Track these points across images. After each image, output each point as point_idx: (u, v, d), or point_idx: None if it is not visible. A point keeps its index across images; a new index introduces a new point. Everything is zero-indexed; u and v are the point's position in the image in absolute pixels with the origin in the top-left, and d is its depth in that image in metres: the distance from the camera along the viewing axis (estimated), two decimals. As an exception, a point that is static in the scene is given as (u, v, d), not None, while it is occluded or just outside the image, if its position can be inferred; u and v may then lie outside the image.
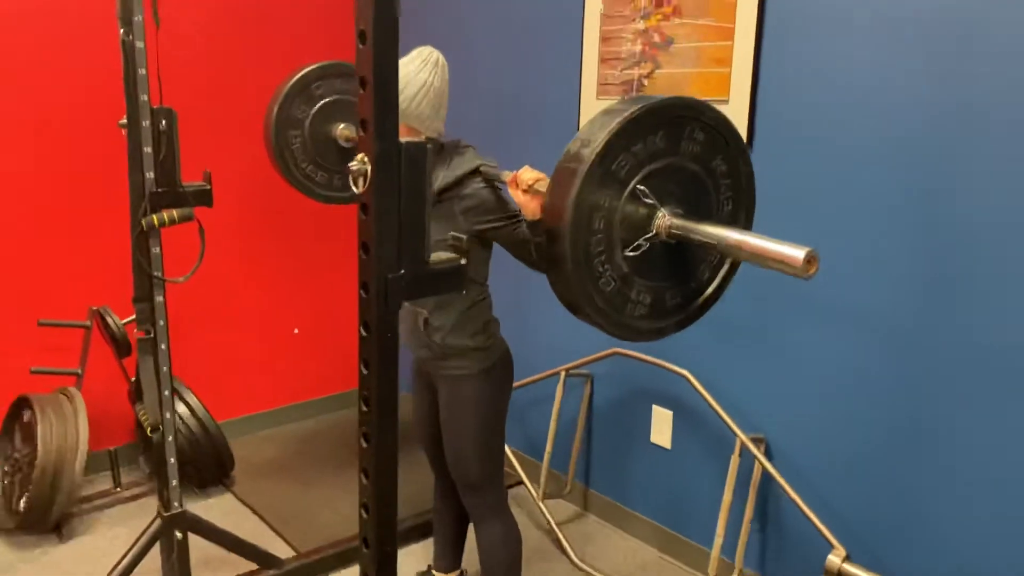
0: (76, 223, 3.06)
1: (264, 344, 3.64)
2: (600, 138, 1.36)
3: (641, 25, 2.59)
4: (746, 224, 1.64)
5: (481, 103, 3.25)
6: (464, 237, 1.51)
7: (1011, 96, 1.88)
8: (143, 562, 2.60)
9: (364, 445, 1.43)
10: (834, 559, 2.11)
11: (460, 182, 2.00)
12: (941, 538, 2.13)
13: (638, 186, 1.41)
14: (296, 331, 3.71)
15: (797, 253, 1.29)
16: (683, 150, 1.47)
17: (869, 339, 2.20)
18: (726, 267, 1.67)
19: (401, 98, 1.94)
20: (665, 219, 1.48)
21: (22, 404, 2.91)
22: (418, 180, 1.35)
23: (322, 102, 2.74)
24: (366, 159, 1.29)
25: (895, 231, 2.12)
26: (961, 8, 1.94)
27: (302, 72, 2.70)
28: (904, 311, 2.13)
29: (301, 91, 2.71)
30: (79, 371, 2.97)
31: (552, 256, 1.42)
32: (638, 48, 2.61)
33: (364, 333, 1.39)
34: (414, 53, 2.01)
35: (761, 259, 1.35)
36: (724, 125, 1.49)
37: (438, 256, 1.43)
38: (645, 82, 2.61)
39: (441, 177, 2.02)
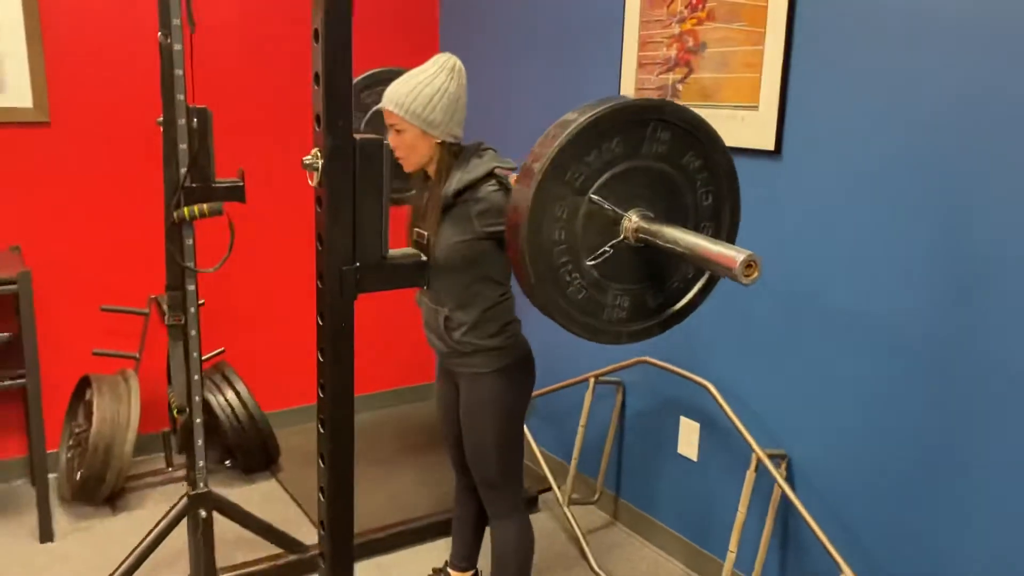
0: (137, 216, 3.25)
1: (315, 340, 3.76)
2: (548, 153, 1.36)
3: (676, 30, 2.56)
4: (732, 214, 1.60)
5: (523, 108, 3.27)
6: (429, 233, 1.53)
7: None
8: (176, 540, 2.75)
9: (320, 431, 1.48)
10: (842, 584, 2.04)
11: (474, 185, 2.02)
12: (959, 567, 2.02)
13: (592, 195, 1.41)
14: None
15: (735, 255, 1.26)
16: (646, 151, 1.45)
17: (900, 357, 2.11)
18: (705, 277, 1.64)
19: (414, 103, 1.99)
20: (632, 223, 1.47)
21: (85, 383, 3.11)
22: (374, 175, 1.39)
23: (372, 111, 2.82)
24: (319, 153, 1.34)
25: (927, 245, 2.02)
26: (995, 12, 1.84)
27: (353, 80, 2.78)
28: (937, 329, 2.02)
29: (354, 100, 2.79)
30: (137, 355, 3.14)
31: (517, 268, 1.43)
32: (673, 53, 2.58)
33: (320, 322, 1.44)
34: (431, 60, 2.05)
35: (705, 262, 1.33)
36: (690, 121, 1.46)
37: (396, 251, 1.46)
38: (679, 87, 2.58)
39: (456, 179, 2.03)
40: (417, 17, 3.74)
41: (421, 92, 1.99)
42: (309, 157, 1.34)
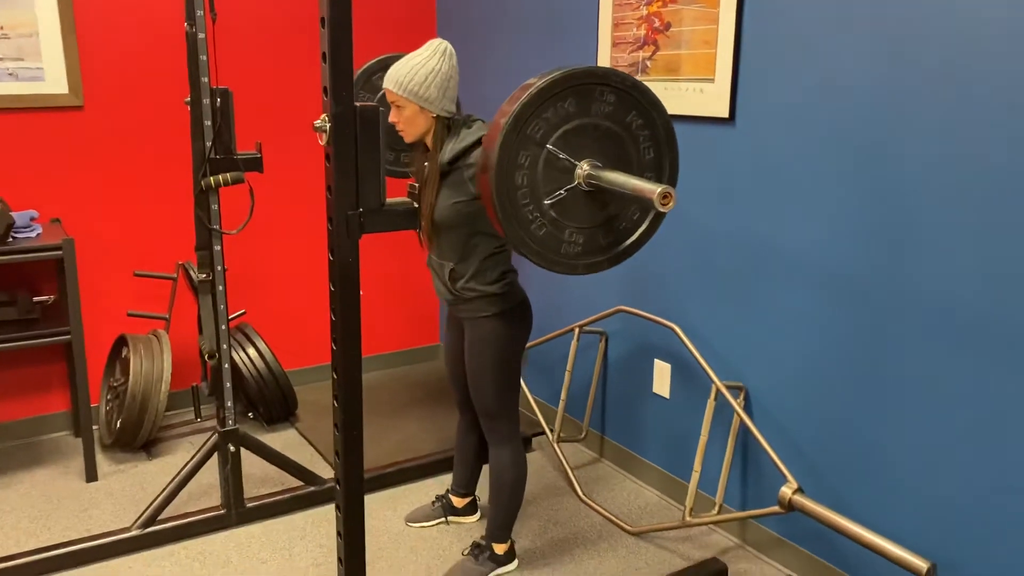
0: (164, 189, 3.58)
1: (328, 303, 4.09)
2: (512, 109, 1.67)
3: (644, 11, 2.85)
4: (672, 166, 1.90)
5: (510, 83, 3.58)
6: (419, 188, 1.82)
7: (952, 75, 2.07)
8: (207, 478, 3.09)
9: (333, 348, 1.80)
10: (786, 491, 2.34)
11: (466, 152, 2.32)
12: (891, 474, 2.33)
13: (549, 146, 1.72)
14: (360, 293, 4.14)
15: (654, 188, 1.57)
16: (595, 111, 1.76)
17: (834, 293, 2.41)
18: (653, 211, 1.95)
19: (411, 83, 2.28)
20: (583, 170, 1.78)
21: (121, 342, 3.45)
22: (372, 135, 1.70)
23: (381, 92, 3.10)
24: (327, 118, 1.66)
25: (856, 196, 2.32)
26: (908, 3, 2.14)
27: (365, 65, 3.07)
28: (864, 267, 2.33)
29: (365, 82, 3.07)
30: (167, 316, 3.48)
31: (488, 208, 1.74)
32: (642, 33, 2.88)
33: (330, 258, 1.76)
34: (426, 44, 2.34)
35: (635, 195, 1.63)
36: (631, 86, 1.77)
37: (393, 199, 1.78)
38: (648, 63, 2.87)
39: (449, 149, 2.32)
40: (415, 10, 4.04)
41: (417, 73, 2.28)
42: (319, 121, 1.66)
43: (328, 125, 1.65)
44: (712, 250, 2.78)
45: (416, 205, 1.80)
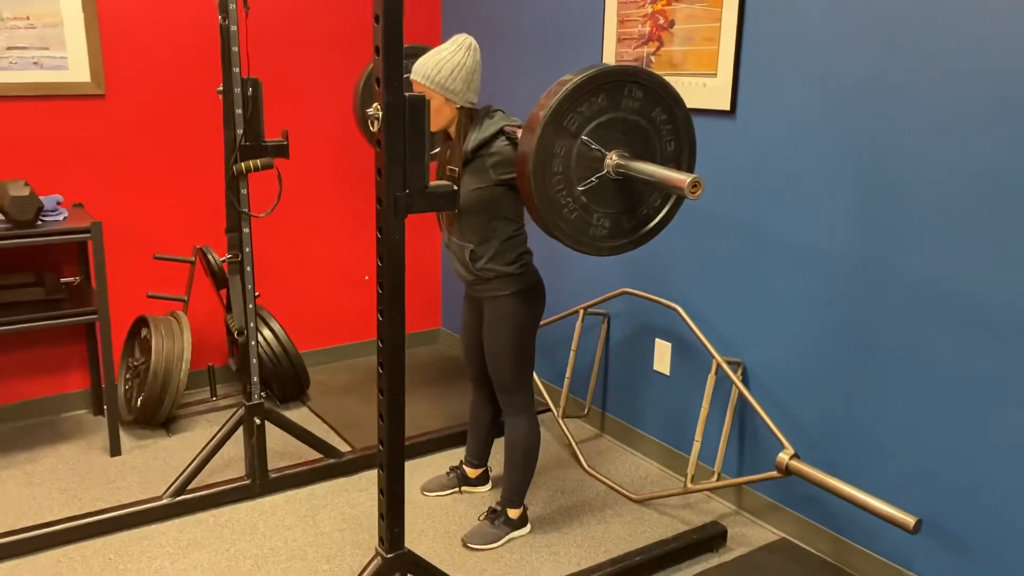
0: (182, 176, 3.70)
1: (344, 286, 4.24)
2: (551, 103, 1.84)
3: (649, 9, 3.02)
4: (690, 157, 2.08)
5: (520, 76, 3.74)
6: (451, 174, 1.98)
7: (945, 70, 2.26)
8: (228, 452, 3.23)
9: (379, 319, 1.96)
10: (783, 456, 2.53)
11: (488, 142, 2.46)
12: (880, 442, 2.53)
13: (583, 137, 1.89)
14: (367, 277, 4.29)
15: (684, 178, 1.74)
16: (624, 106, 1.94)
17: (828, 274, 2.60)
18: (673, 198, 2.13)
19: (438, 75, 2.43)
20: (612, 160, 1.95)
21: (141, 323, 3.57)
22: (419, 124, 1.85)
23: (410, 77, 3.25)
24: (379, 107, 1.81)
25: (849, 184, 2.51)
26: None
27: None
28: (856, 250, 2.52)
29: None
30: (185, 298, 3.61)
31: (525, 194, 1.90)
32: (647, 29, 3.05)
33: (379, 235, 1.91)
34: (451, 39, 2.49)
35: (664, 184, 1.81)
36: (658, 83, 1.94)
37: (435, 183, 1.94)
38: (652, 59, 3.05)
39: (473, 138, 2.47)
40: (423, 7, 4.18)
41: (444, 66, 2.43)
42: (372, 109, 1.81)
43: (380, 113, 1.80)
44: (713, 235, 2.96)
45: (456, 188, 1.96)
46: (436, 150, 2.70)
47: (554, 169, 1.89)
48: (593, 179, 1.95)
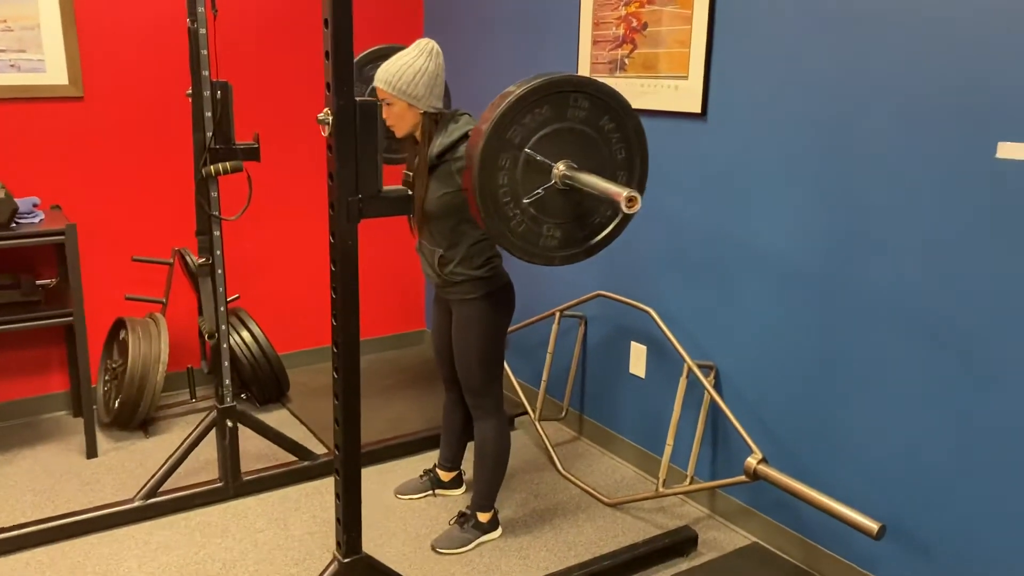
0: (160, 178, 3.70)
1: (324, 288, 4.23)
2: (492, 116, 1.83)
3: (623, 12, 3.01)
4: (642, 165, 2.07)
5: (495, 78, 3.73)
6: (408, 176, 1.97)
7: (914, 70, 2.25)
8: (204, 454, 3.23)
9: (334, 323, 1.96)
10: (751, 461, 2.52)
11: (453, 147, 2.47)
12: (846, 446, 2.52)
13: (527, 149, 1.88)
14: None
15: (621, 191, 1.73)
16: (570, 116, 1.92)
17: (797, 284, 2.59)
18: (620, 215, 2.11)
19: (400, 81, 2.42)
20: (559, 171, 1.94)
21: (119, 325, 3.57)
22: (371, 128, 1.85)
23: (372, 84, 3.24)
24: (329, 112, 1.81)
25: (818, 193, 2.50)
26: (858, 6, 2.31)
27: (357, 58, 3.20)
28: (823, 263, 2.51)
29: (357, 74, 3.21)
30: (163, 300, 3.61)
31: (472, 207, 1.90)
32: (621, 32, 3.04)
33: (332, 240, 1.91)
34: (414, 44, 2.48)
35: (604, 196, 1.79)
36: (605, 93, 1.93)
37: (389, 187, 1.93)
38: (626, 61, 3.04)
39: (438, 144, 2.46)
40: (404, 7, 4.18)
41: (405, 72, 2.42)
42: (322, 114, 1.81)
43: (330, 118, 1.80)
44: (686, 239, 2.95)
45: (410, 192, 1.95)
46: (405, 155, 2.70)
47: (499, 182, 1.88)
48: (539, 191, 1.93)
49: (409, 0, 4.20)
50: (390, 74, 2.41)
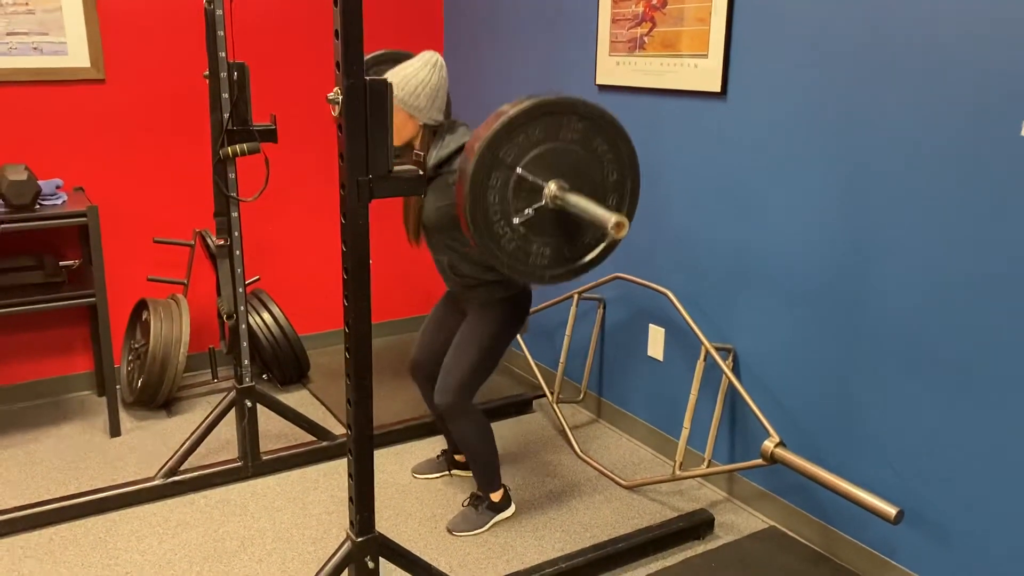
0: (182, 160, 3.73)
1: (339, 271, 4.25)
2: (485, 135, 1.82)
3: (642, -11, 2.97)
4: (632, 188, 2.05)
5: (513, 64, 3.70)
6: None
7: (930, 54, 2.20)
8: (224, 434, 3.26)
9: (345, 303, 1.96)
10: (768, 444, 2.50)
11: (449, 159, 2.46)
12: (866, 431, 2.49)
13: (519, 169, 1.86)
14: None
15: (609, 217, 1.71)
16: (563, 137, 1.91)
17: (818, 267, 2.55)
18: (608, 239, 2.09)
19: (402, 92, 2.41)
20: (550, 191, 1.93)
21: (142, 306, 3.61)
22: (381, 108, 1.84)
23: None
24: (339, 91, 1.80)
25: (841, 174, 2.46)
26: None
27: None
28: (849, 239, 2.47)
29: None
30: (185, 281, 3.64)
31: (463, 224, 1.89)
32: (640, 10, 3.00)
33: (343, 221, 1.90)
34: (419, 55, 2.47)
35: (592, 220, 1.78)
36: (599, 115, 1.91)
37: (400, 166, 1.92)
38: (646, 39, 3.00)
39: (434, 155, 2.46)
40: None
41: (408, 82, 2.42)
42: (332, 94, 1.80)
43: (340, 97, 1.79)
44: (705, 219, 2.92)
45: (421, 172, 1.95)
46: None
47: (491, 199, 1.87)
48: (530, 211, 1.92)
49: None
50: (393, 84, 2.40)
